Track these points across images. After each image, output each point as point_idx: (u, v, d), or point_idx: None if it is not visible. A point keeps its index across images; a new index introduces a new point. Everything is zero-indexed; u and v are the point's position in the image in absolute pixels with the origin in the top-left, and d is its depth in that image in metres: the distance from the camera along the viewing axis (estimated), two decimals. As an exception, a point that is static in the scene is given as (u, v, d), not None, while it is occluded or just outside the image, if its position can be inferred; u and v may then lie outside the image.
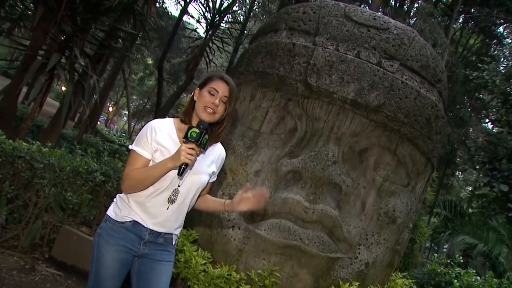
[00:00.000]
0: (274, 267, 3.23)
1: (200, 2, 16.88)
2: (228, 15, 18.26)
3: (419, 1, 16.87)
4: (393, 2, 17.99)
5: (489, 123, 21.99)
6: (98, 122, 21.99)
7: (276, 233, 3.19)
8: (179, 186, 2.03)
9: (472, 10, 19.63)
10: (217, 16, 15.65)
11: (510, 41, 20.92)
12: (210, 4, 15.69)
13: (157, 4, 19.35)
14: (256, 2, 22.71)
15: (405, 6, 17.97)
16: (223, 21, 16.99)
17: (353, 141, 3.44)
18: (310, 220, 3.23)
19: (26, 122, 6.66)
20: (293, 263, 3.28)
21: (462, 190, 29.01)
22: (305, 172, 3.22)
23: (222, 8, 15.75)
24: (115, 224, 2.03)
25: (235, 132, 3.65)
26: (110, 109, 42.95)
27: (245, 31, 21.15)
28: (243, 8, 24.64)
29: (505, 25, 20.56)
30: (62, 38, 7.04)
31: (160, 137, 2.01)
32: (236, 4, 21.10)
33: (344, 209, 3.37)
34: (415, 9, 17.32)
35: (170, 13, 27.21)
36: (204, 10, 16.12)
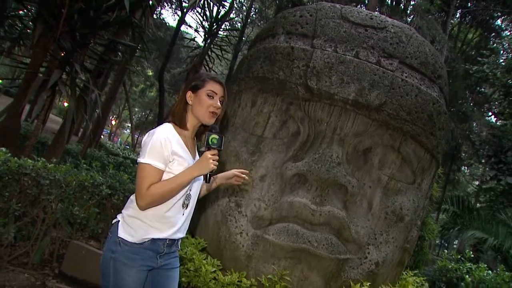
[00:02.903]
0: (284, 272, 3.23)
1: (197, 12, 16.95)
2: (225, 22, 18.33)
3: (415, -2, 16.87)
4: (389, 1, 18.02)
5: (492, 116, 21.91)
6: (102, 136, 22.08)
7: (284, 237, 3.18)
8: (190, 190, 2.09)
9: (469, 5, 19.63)
10: (214, 24, 15.70)
11: (508, 33, 20.88)
12: (207, 13, 15.74)
13: (155, 16, 19.47)
14: (253, 9, 22.82)
15: (401, 4, 17.99)
16: (221, 29, 17.04)
17: (357, 141, 3.43)
18: (318, 222, 3.22)
19: (30, 139, 6.69)
20: (303, 267, 3.27)
21: (469, 185, 28.87)
22: (310, 174, 3.22)
23: (219, 16, 15.80)
24: (133, 246, 1.97)
25: (238, 139, 3.65)
26: (113, 122, 43.14)
27: (243, 38, 21.21)
28: (240, 15, 24.72)
29: (502, 17, 20.53)
30: (62, 54, 7.07)
31: (175, 148, 2.00)
32: (233, 12, 21.17)
33: (351, 210, 3.37)
34: (411, 6, 17.34)
35: (168, 24, 27.30)
36: (201, 19, 16.18)
